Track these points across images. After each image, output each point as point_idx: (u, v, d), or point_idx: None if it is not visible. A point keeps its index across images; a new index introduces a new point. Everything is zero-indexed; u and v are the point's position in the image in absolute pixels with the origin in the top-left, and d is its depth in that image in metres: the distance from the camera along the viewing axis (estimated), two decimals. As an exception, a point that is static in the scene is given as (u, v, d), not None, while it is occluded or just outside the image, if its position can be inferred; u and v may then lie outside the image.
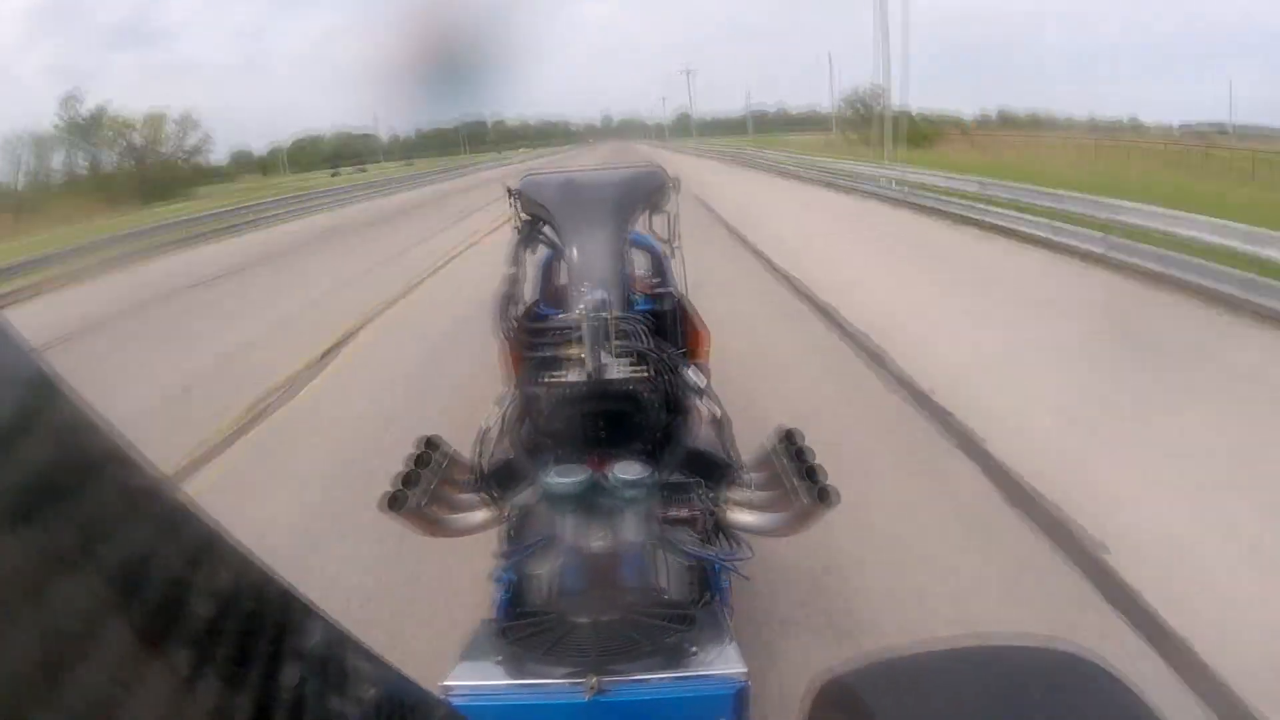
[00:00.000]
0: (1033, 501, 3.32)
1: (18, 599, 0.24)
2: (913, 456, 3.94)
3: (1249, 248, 6.54)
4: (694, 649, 1.31)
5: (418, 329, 7.35)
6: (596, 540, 1.51)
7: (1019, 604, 2.72)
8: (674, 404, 1.76)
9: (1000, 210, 10.70)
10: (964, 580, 2.86)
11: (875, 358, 5.40)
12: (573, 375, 1.69)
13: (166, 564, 0.29)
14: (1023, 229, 9.70)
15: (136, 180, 41.84)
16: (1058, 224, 9.11)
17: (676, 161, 26.02)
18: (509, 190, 2.39)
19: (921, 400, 4.58)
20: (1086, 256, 8.20)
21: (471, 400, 4.00)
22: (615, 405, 1.65)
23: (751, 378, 4.91)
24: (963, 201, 11.86)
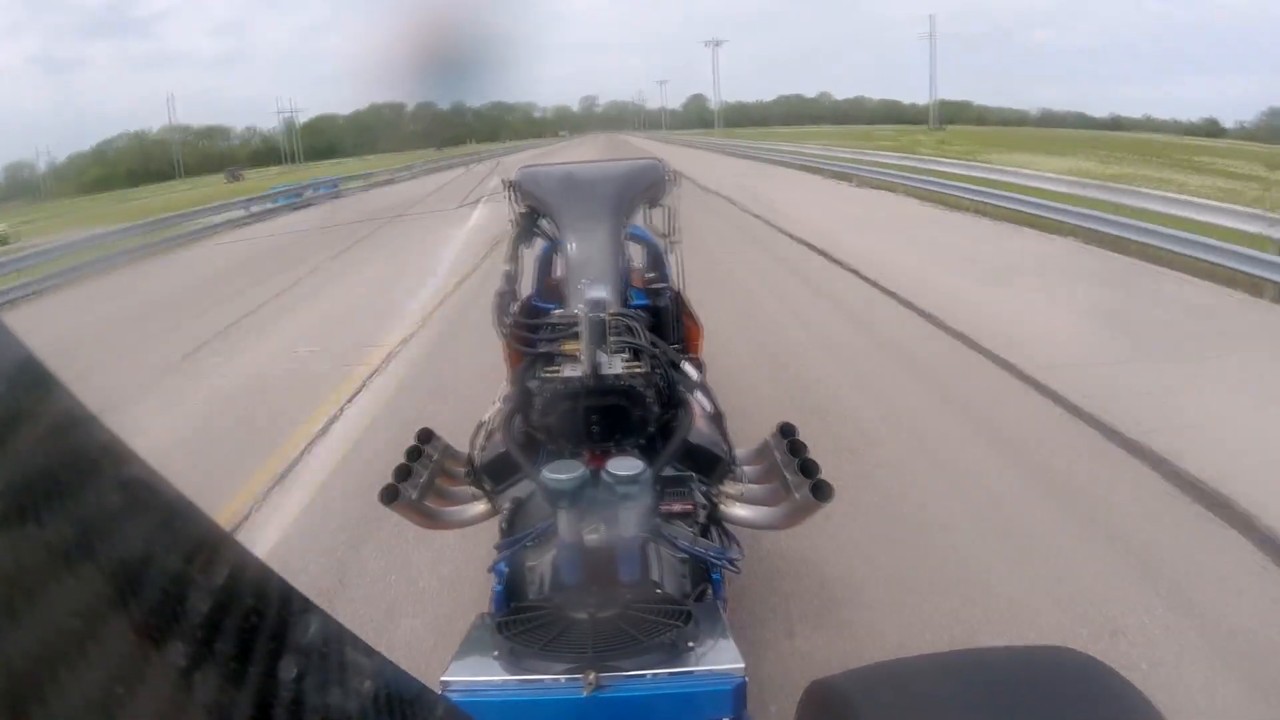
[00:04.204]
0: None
1: (17, 597, 0.24)
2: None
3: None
4: (691, 644, 1.31)
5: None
6: (592, 535, 1.51)
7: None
8: (670, 399, 1.76)
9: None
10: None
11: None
12: (570, 371, 1.69)
13: (165, 560, 0.29)
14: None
15: None
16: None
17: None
18: (505, 182, 2.38)
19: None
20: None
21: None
22: (612, 401, 1.65)
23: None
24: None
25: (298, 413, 4.86)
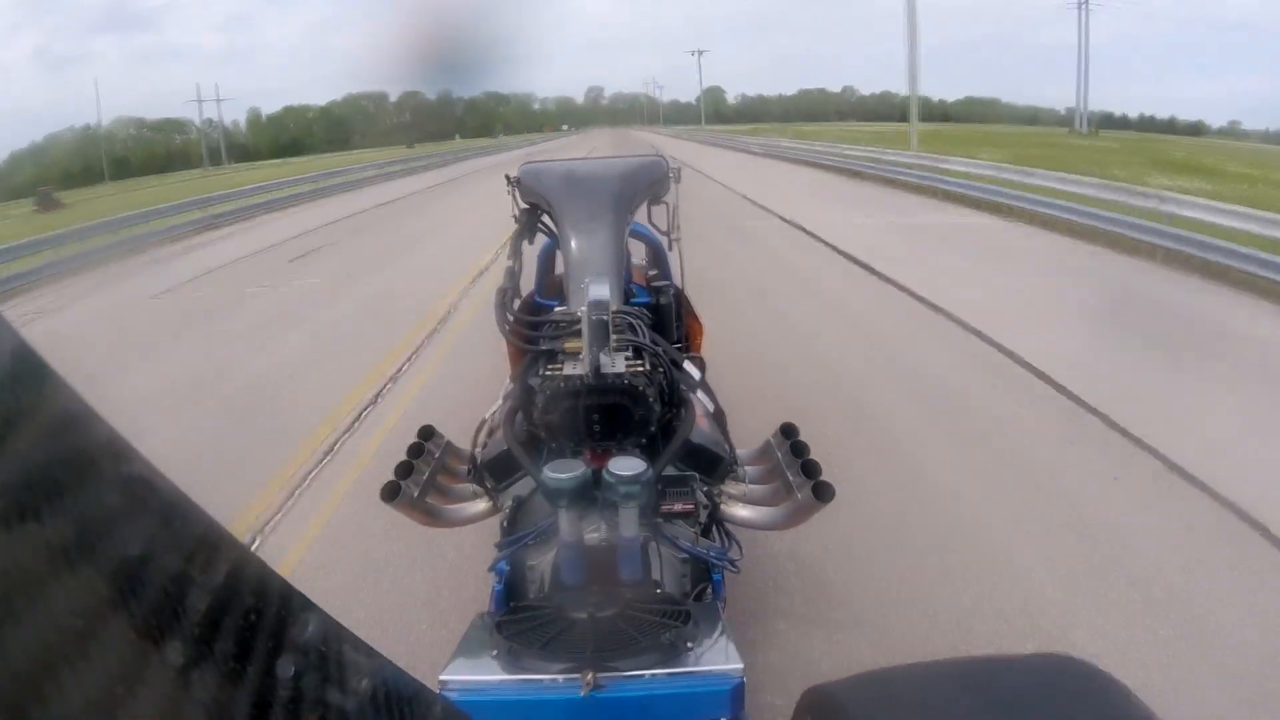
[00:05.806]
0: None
1: (17, 596, 0.24)
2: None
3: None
4: (690, 645, 1.31)
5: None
6: (593, 535, 1.51)
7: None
8: (672, 398, 1.76)
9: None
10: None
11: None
12: (572, 369, 1.69)
13: (165, 559, 0.29)
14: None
15: None
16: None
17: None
18: (508, 178, 2.37)
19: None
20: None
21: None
22: (613, 400, 1.64)
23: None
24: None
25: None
